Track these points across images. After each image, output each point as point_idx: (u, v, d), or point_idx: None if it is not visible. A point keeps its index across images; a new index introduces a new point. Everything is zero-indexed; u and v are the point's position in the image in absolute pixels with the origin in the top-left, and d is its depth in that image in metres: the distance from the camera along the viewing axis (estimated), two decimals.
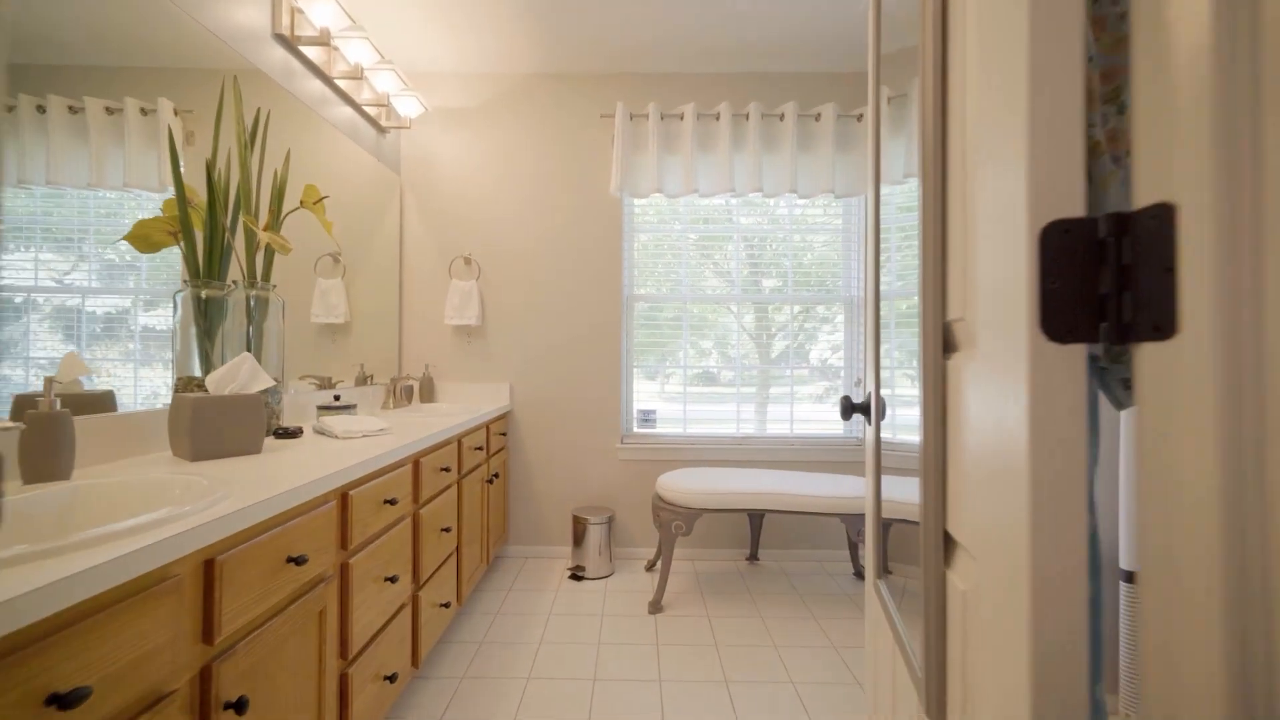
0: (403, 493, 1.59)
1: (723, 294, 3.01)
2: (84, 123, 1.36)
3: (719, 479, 2.46)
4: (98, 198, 1.37)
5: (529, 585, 2.59)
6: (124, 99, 1.45)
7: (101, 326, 1.42)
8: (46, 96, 1.24)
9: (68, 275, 1.34)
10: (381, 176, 2.70)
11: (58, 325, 1.32)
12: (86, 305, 1.38)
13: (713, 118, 2.75)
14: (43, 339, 1.28)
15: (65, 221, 1.31)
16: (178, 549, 0.79)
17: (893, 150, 2.56)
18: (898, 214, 2.73)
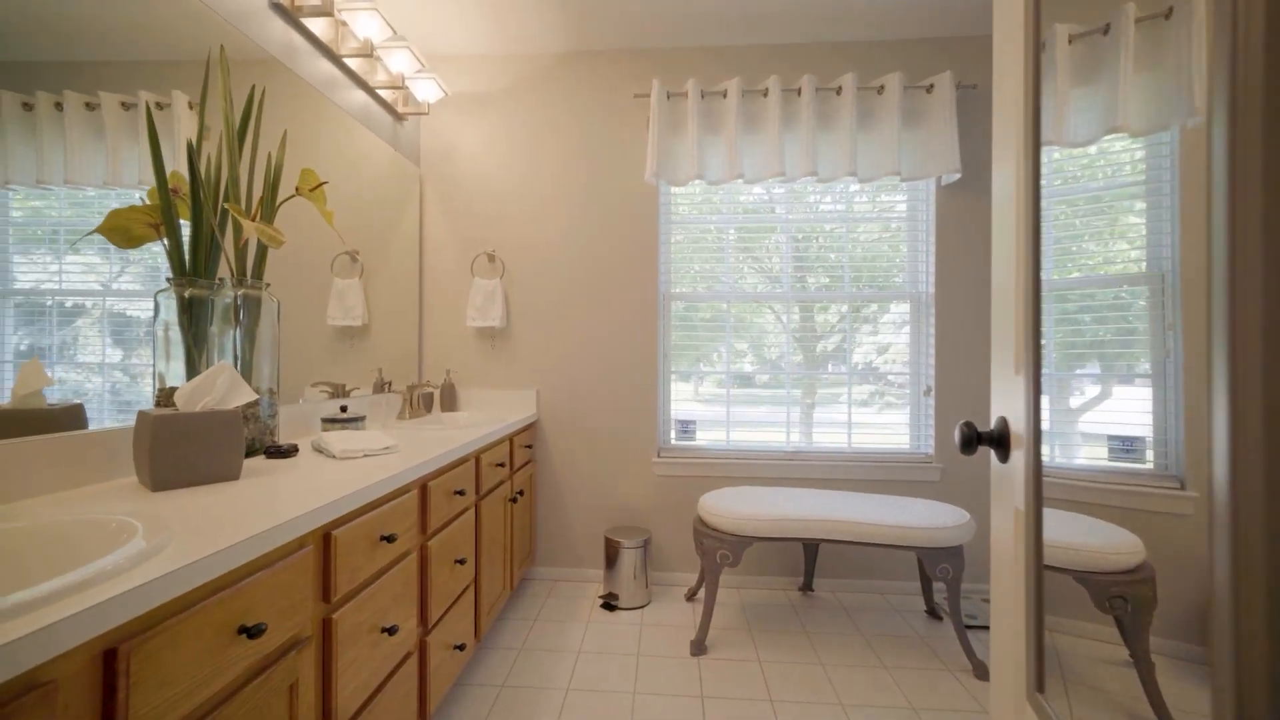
0: (406, 525, 1.35)
1: (770, 292, 2.70)
2: (100, 119, 1.25)
3: (770, 502, 2.16)
4: (115, 195, 1.28)
5: (557, 614, 2.34)
6: (138, 93, 1.33)
7: (121, 328, 1.31)
8: (63, 93, 1.17)
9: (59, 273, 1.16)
10: (400, 168, 2.51)
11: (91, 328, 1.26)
12: (107, 305, 1.30)
13: (759, 94, 2.45)
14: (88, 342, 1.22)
15: (84, 222, 1.22)
16: (50, 645, 0.57)
17: (1074, 104, 2.13)
18: (1060, 186, 2.37)
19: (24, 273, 1.14)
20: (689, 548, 2.65)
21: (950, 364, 2.55)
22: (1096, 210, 2.37)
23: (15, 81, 1.09)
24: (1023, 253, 0.85)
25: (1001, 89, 0.95)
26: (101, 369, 1.29)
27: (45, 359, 1.16)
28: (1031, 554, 0.79)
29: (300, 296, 1.88)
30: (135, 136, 1.33)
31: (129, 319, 1.35)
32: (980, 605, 2.39)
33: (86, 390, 1.23)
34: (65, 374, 1.19)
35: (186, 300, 1.37)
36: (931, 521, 1.98)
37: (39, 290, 1.15)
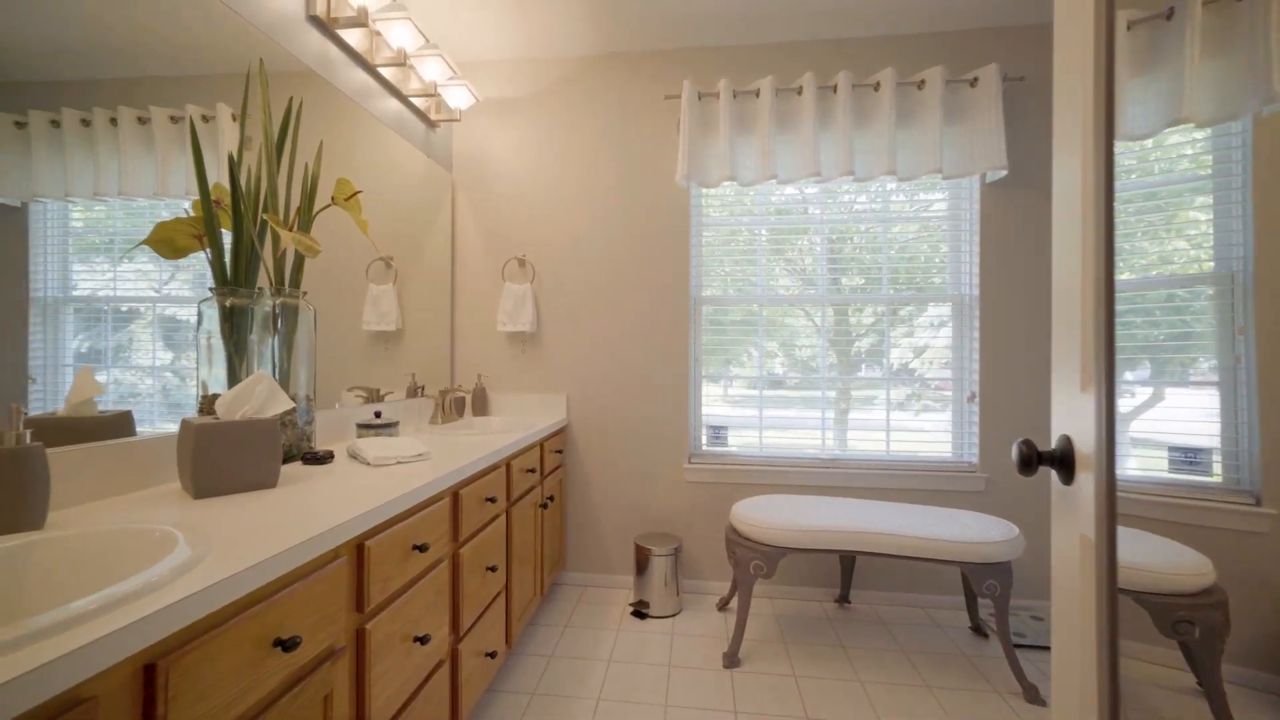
0: (438, 533, 1.35)
1: (804, 295, 2.63)
2: (151, 133, 1.30)
3: (806, 511, 2.09)
4: (164, 205, 1.33)
5: (587, 621, 2.33)
6: (185, 106, 1.37)
7: (171, 331, 1.37)
8: (117, 108, 1.22)
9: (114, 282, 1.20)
10: (433, 174, 2.54)
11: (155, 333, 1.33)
12: (158, 310, 1.34)
13: (794, 92, 2.39)
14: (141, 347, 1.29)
15: (137, 230, 1.27)
16: (92, 662, 0.57)
17: (1132, 94, 2.00)
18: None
19: (83, 279, 1.17)
20: (721, 556, 2.60)
21: (996, 369, 2.43)
22: (1153, 207, 2.23)
23: (75, 100, 1.13)
24: (1091, 255, 0.78)
25: (1064, 78, 0.88)
26: (153, 371, 1.33)
27: (101, 362, 1.20)
28: (1104, 585, 0.72)
29: (337, 302, 1.91)
30: (183, 148, 1.36)
31: (178, 322, 1.39)
32: (1030, 623, 2.28)
33: (139, 391, 1.27)
34: (120, 375, 1.23)
35: (228, 309, 1.40)
36: (978, 535, 1.89)
37: (96, 297, 1.19)
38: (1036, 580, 2.42)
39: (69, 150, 1.13)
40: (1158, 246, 2.23)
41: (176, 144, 1.34)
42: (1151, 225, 2.20)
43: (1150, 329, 2.20)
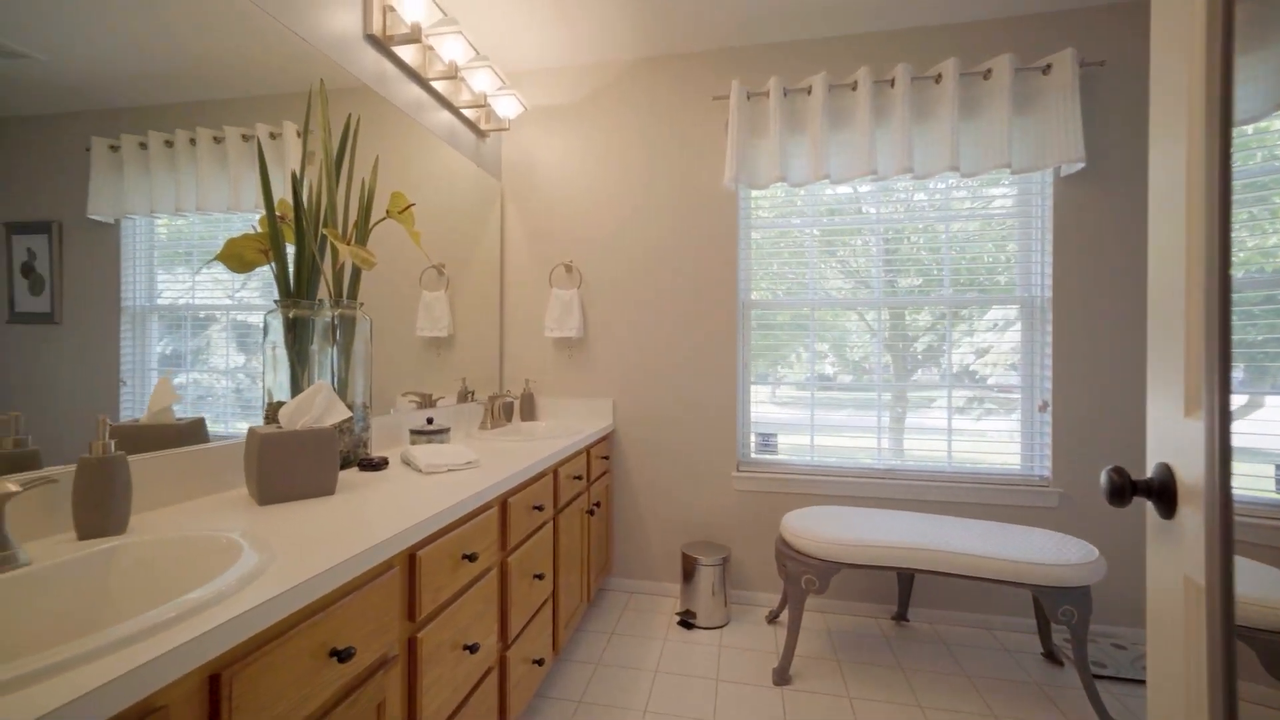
0: (486, 542, 1.36)
1: (859, 299, 2.53)
2: (225, 151, 1.38)
3: (861, 525, 2.01)
4: (238, 218, 1.41)
5: (633, 629, 2.31)
6: (255, 125, 1.44)
7: (244, 335, 1.45)
8: (195, 129, 1.29)
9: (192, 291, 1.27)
10: (482, 183, 2.58)
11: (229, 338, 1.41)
12: (231, 316, 1.42)
13: (848, 88, 2.30)
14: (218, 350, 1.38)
15: (214, 241, 1.35)
16: (164, 673, 0.59)
17: (1240, 72, 1.82)
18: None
19: (166, 288, 1.25)
20: (770, 566, 2.53)
21: (1071, 378, 2.26)
22: (1255, 198, 2.01)
23: (159, 123, 1.20)
24: (1200, 258, 0.69)
25: (1164, 58, 0.79)
26: (228, 372, 1.40)
27: (182, 364, 1.28)
28: (1217, 637, 0.64)
29: (392, 309, 1.97)
30: (254, 165, 1.43)
31: (249, 327, 1.46)
32: (1111, 652, 2.10)
33: (215, 391, 1.35)
34: (198, 377, 1.31)
35: (291, 320, 1.46)
36: (1053, 557, 1.75)
37: (176, 305, 1.27)
38: (1119, 604, 2.23)
39: (154, 169, 1.20)
40: (1261, 240, 2.01)
41: (248, 161, 1.41)
42: (1254, 218, 1.99)
43: (1246, 331, 1.99)
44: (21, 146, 0.98)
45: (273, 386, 1.44)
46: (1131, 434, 2.21)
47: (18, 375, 0.97)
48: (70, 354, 1.04)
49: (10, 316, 0.97)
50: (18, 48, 0.96)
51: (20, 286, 0.99)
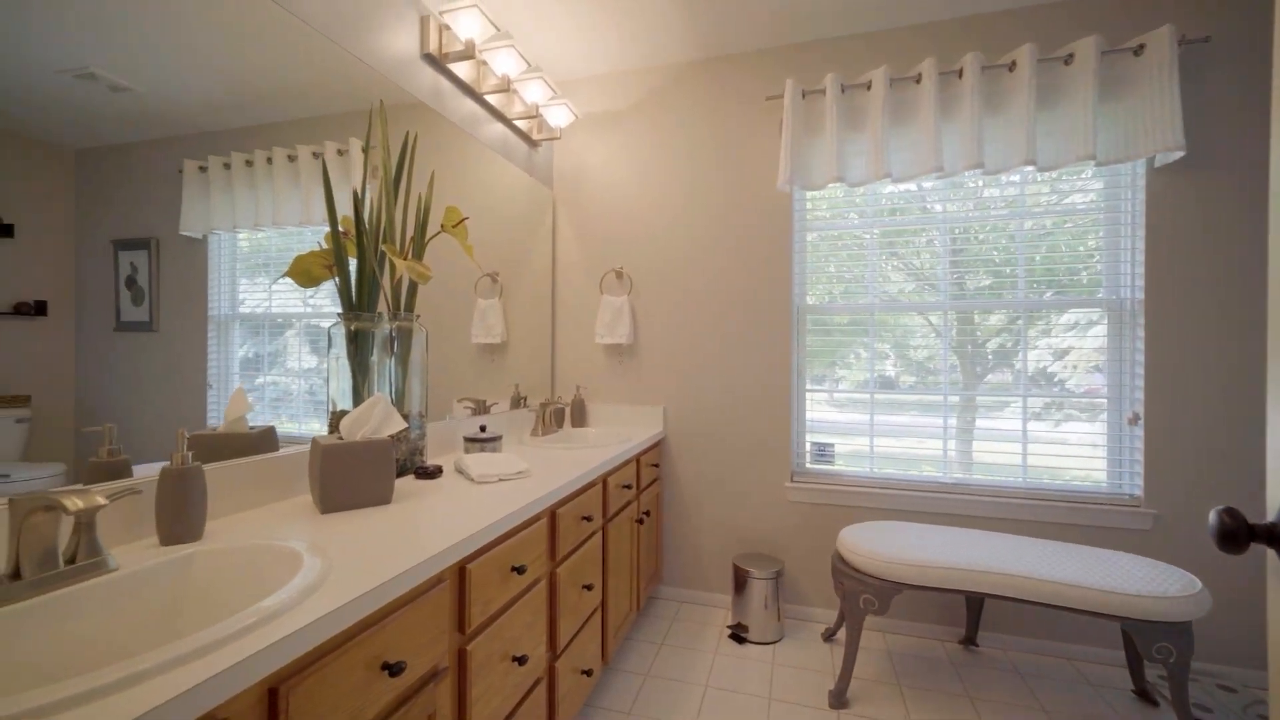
0: (535, 554, 1.37)
1: (924, 302, 2.39)
2: (297, 168, 1.45)
3: (925, 544, 1.89)
4: (310, 230, 1.49)
5: (683, 641, 2.28)
6: (324, 143, 1.52)
7: (316, 338, 1.53)
8: (272, 149, 1.37)
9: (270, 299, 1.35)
10: (534, 192, 2.62)
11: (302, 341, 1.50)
12: (303, 322, 1.51)
13: (911, 81, 2.18)
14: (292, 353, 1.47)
15: (289, 250, 1.43)
16: (228, 686, 0.61)
17: None
18: None
19: (247, 296, 1.33)
20: (826, 581, 2.43)
21: (1167, 388, 2.05)
22: None
23: (241, 144, 1.28)
24: None
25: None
26: (301, 374, 1.48)
27: (260, 366, 1.36)
28: None
29: (449, 316, 2.02)
30: (320, 180, 1.50)
31: (320, 331, 1.54)
32: (1218, 695, 1.89)
33: (290, 391, 1.43)
34: (276, 378, 1.39)
35: (353, 332, 1.52)
36: (1147, 587, 1.59)
37: (255, 313, 1.35)
38: (1228, 640, 2.00)
39: (236, 188, 1.29)
40: None
41: (318, 177, 1.49)
42: None
43: None
44: (125, 170, 1.07)
45: (336, 395, 1.50)
46: (1240, 454, 1.98)
47: (120, 378, 1.05)
48: (165, 359, 1.13)
49: (116, 325, 1.06)
50: (121, 82, 1.04)
51: (124, 298, 1.08)
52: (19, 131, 0.92)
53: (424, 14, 1.82)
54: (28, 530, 0.76)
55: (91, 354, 1.02)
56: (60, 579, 0.79)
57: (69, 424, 0.98)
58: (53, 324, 0.97)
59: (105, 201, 1.04)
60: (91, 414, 1.01)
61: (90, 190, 1.02)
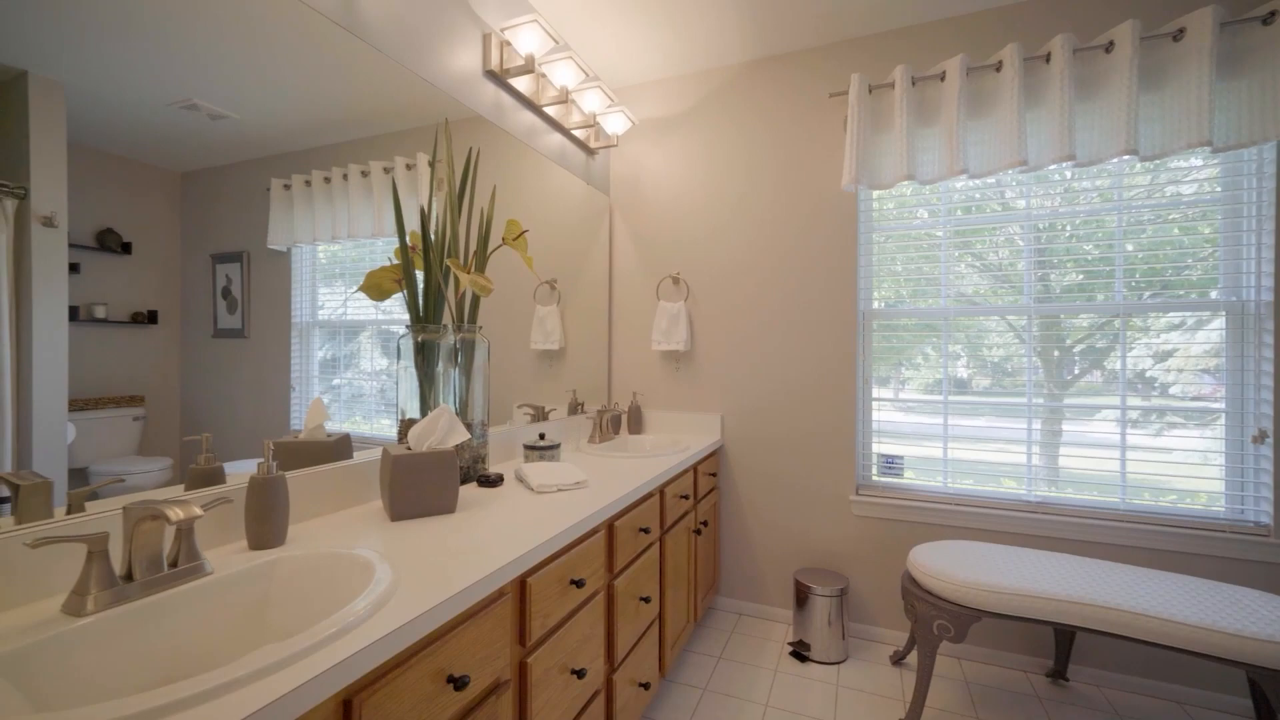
0: (593, 567, 1.37)
1: (1004, 305, 2.22)
2: (370, 183, 1.53)
3: (1007, 567, 1.75)
4: (382, 242, 1.56)
5: (742, 655, 2.22)
6: (394, 158, 1.59)
7: (387, 341, 1.61)
8: (347, 165, 1.45)
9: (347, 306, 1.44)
10: (591, 199, 2.64)
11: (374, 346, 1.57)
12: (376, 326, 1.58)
13: (990, 69, 2.03)
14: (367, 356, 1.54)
15: (362, 260, 1.51)
16: (308, 698, 0.64)
17: None
18: None
19: (325, 301, 1.41)
20: (895, 600, 2.31)
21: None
22: None
23: (320, 162, 1.36)
24: None
25: None
26: (373, 375, 1.55)
27: (336, 368, 1.44)
28: None
29: (509, 324, 2.07)
30: (391, 194, 1.57)
31: (391, 334, 1.61)
32: None
33: (364, 391, 1.51)
34: (350, 378, 1.47)
35: (420, 344, 1.58)
36: (1269, 628, 1.40)
37: (332, 320, 1.42)
38: None
39: (316, 203, 1.36)
40: None
41: (388, 190, 1.56)
42: None
43: None
44: (221, 190, 1.16)
45: (404, 403, 1.56)
46: None
47: (217, 380, 1.14)
48: (254, 363, 1.22)
49: (214, 332, 1.15)
50: (221, 110, 1.13)
51: (220, 307, 1.17)
52: (135, 158, 1.01)
53: (486, 32, 1.87)
54: (138, 536, 0.83)
55: (193, 358, 1.11)
56: (165, 581, 0.85)
57: (175, 422, 1.07)
58: (162, 332, 1.06)
59: (205, 219, 1.13)
60: (193, 412, 1.10)
61: (193, 209, 1.11)
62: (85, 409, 0.95)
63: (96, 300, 0.96)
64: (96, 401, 0.96)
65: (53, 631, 0.73)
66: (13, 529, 0.83)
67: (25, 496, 0.87)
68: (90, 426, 0.95)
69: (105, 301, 0.98)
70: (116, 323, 0.99)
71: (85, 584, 0.78)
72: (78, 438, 0.93)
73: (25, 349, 0.87)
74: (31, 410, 0.88)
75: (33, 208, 0.88)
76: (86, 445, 0.94)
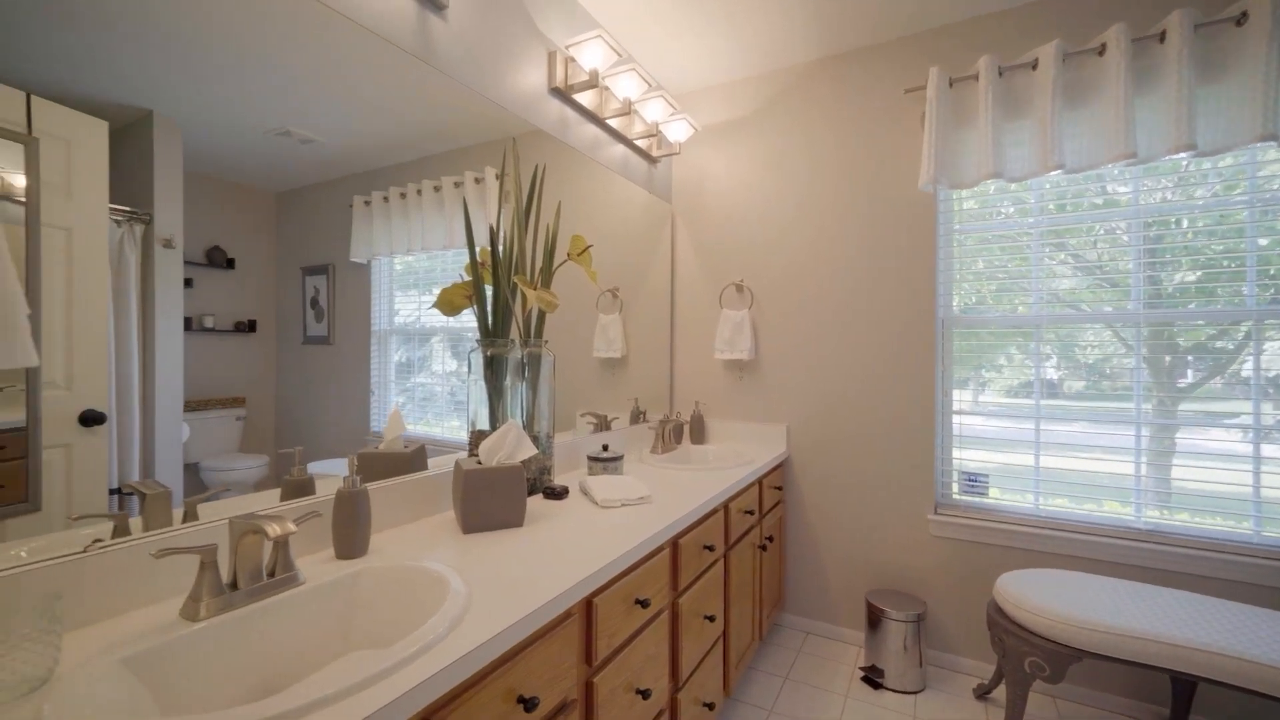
0: (658, 585, 1.36)
1: (1112, 311, 2.02)
2: (441, 198, 1.59)
3: (1113, 603, 1.59)
4: (451, 254, 1.63)
5: (809, 677, 2.14)
6: (464, 173, 1.65)
7: (456, 343, 1.67)
8: (421, 182, 1.53)
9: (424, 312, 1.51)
10: (653, 207, 2.64)
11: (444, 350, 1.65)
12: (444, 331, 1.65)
13: (1091, 53, 1.85)
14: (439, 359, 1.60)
15: (433, 270, 1.59)
16: (400, 714, 0.67)
17: None
18: None
19: (400, 307, 1.48)
20: (977, 628, 2.15)
21: None
22: None
23: (396, 179, 1.44)
24: None
25: None
26: (443, 377, 1.62)
27: (410, 370, 1.51)
28: None
29: (572, 332, 2.09)
30: (461, 205, 1.63)
31: (459, 338, 1.67)
32: None
33: (435, 393, 1.58)
34: (422, 380, 1.55)
35: (489, 358, 1.62)
36: None
37: (406, 327, 1.50)
38: None
39: (393, 218, 1.44)
40: None
41: (457, 204, 1.62)
42: None
43: None
44: (311, 208, 1.24)
45: (475, 415, 1.62)
46: None
47: (306, 384, 1.23)
48: (339, 368, 1.30)
49: (304, 339, 1.25)
50: (310, 135, 1.21)
51: (309, 316, 1.26)
52: (238, 181, 1.11)
53: (551, 50, 1.90)
54: (241, 549, 0.90)
55: (286, 363, 1.20)
56: (264, 590, 0.92)
57: (271, 421, 1.16)
58: (260, 339, 1.15)
59: (296, 235, 1.21)
60: (286, 413, 1.19)
61: (286, 226, 1.20)
62: (196, 410, 1.04)
63: (206, 311, 1.06)
64: (205, 403, 1.06)
65: (176, 634, 0.80)
66: (141, 536, 0.92)
67: (150, 504, 0.97)
68: (200, 426, 1.05)
69: (213, 312, 1.07)
70: (222, 331, 1.09)
71: (199, 591, 0.85)
72: (190, 436, 1.03)
73: (150, 357, 0.97)
74: (155, 411, 0.97)
75: (156, 231, 0.98)
76: (197, 443, 1.04)
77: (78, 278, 0.87)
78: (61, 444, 0.86)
